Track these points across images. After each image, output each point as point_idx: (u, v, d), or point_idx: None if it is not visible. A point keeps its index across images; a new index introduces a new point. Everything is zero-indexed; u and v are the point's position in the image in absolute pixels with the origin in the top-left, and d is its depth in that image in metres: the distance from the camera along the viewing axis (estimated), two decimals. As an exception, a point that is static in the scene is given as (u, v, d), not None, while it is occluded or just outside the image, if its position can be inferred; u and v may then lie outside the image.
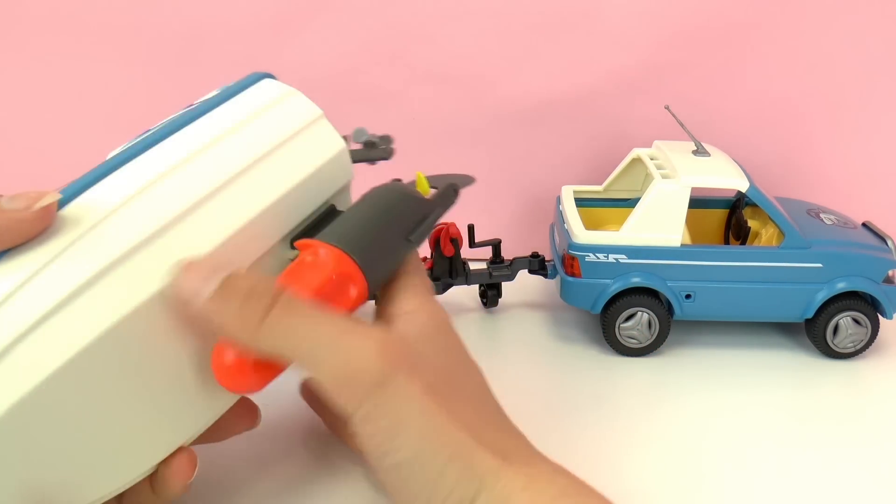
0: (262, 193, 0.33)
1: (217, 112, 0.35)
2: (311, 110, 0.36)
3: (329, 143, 0.36)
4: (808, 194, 0.61)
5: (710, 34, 0.59)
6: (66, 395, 0.27)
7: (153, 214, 0.30)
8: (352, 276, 0.32)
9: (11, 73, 0.61)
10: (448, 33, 0.60)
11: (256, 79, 0.37)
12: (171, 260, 0.30)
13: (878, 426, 0.45)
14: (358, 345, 0.29)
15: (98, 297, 0.28)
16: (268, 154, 0.34)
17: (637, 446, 0.43)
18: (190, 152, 0.33)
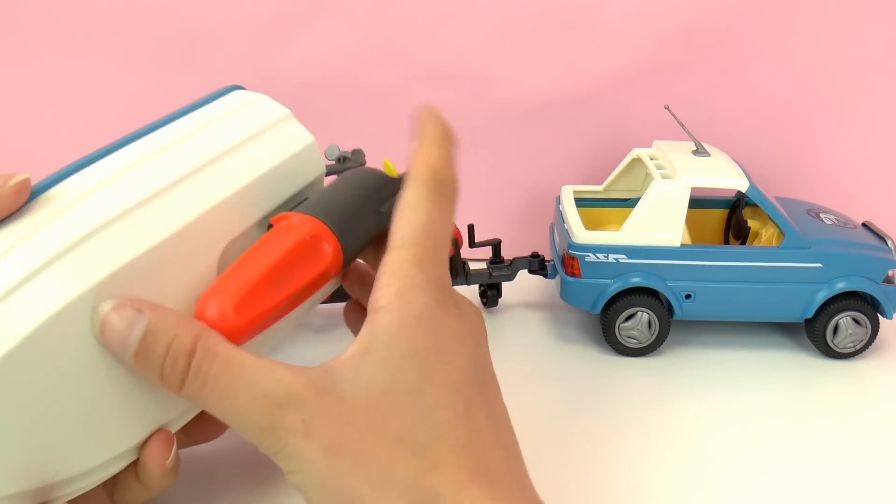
0: (232, 178, 0.35)
1: (189, 116, 0.37)
2: (279, 110, 0.40)
3: (298, 136, 0.39)
4: (808, 194, 0.61)
5: (710, 34, 0.59)
6: (46, 355, 0.28)
7: (129, 193, 0.32)
8: (324, 237, 0.34)
9: (11, 73, 0.61)
10: (448, 33, 0.60)
11: (227, 90, 0.40)
12: (147, 231, 0.31)
13: (878, 426, 0.45)
14: (255, 394, 0.28)
15: (72, 266, 0.29)
16: (237, 146, 0.36)
17: (637, 446, 0.43)
18: (164, 145, 0.35)
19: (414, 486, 0.28)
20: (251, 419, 0.28)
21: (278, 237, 0.33)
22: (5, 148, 0.62)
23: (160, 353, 0.29)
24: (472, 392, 0.30)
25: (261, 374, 0.28)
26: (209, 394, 0.28)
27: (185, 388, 0.29)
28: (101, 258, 0.29)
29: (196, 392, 0.29)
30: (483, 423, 0.30)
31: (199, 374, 0.28)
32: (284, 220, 0.35)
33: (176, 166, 0.34)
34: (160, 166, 0.34)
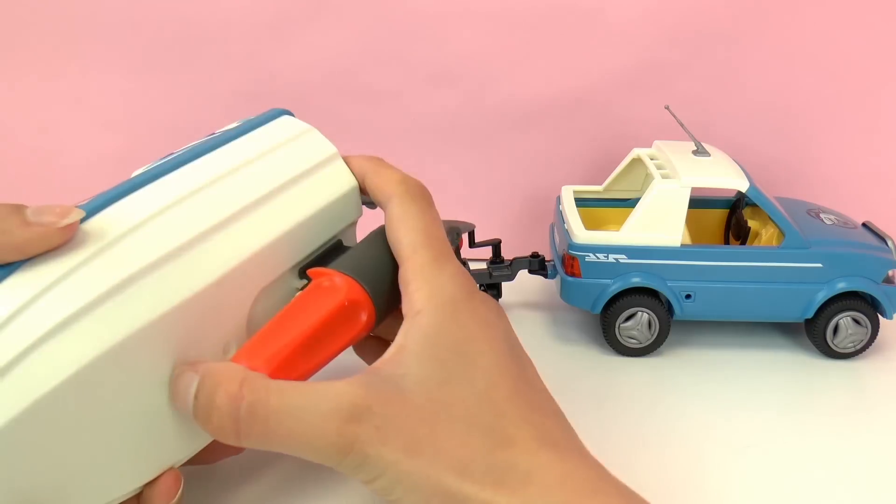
0: (274, 223, 0.35)
1: (237, 143, 0.37)
2: (327, 147, 0.38)
3: (341, 180, 0.38)
4: (808, 194, 0.61)
5: (711, 34, 0.59)
6: (66, 408, 0.28)
7: (168, 236, 0.31)
8: (362, 303, 0.34)
9: (11, 73, 0.61)
10: (448, 33, 0.60)
11: (276, 115, 0.39)
12: (182, 281, 0.31)
13: (878, 426, 0.45)
14: (322, 413, 0.29)
15: (107, 314, 0.29)
16: (283, 186, 0.36)
17: (637, 446, 0.43)
18: (208, 179, 0.34)
19: (491, 462, 0.30)
20: (325, 442, 0.29)
21: (317, 300, 0.33)
22: (4, 150, 0.62)
23: (207, 406, 0.29)
24: (515, 370, 0.33)
25: (322, 395, 0.29)
26: (274, 431, 0.29)
27: (245, 433, 0.29)
28: (131, 311, 0.29)
29: (259, 434, 0.29)
30: (532, 396, 0.33)
31: (258, 415, 0.29)
32: (324, 277, 0.34)
33: (219, 206, 0.33)
34: (203, 205, 0.33)
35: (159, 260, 0.30)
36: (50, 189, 0.61)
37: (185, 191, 0.33)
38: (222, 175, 0.34)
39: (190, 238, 0.32)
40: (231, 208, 0.33)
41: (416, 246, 0.34)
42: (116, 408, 0.29)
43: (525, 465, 0.30)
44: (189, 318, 0.31)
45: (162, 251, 0.31)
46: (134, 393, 0.30)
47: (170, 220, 0.32)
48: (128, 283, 0.29)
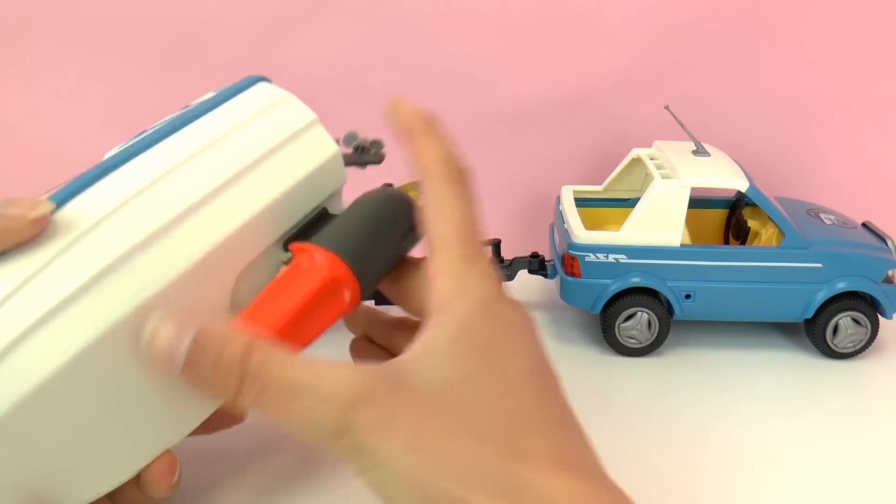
0: (255, 197, 0.33)
1: (212, 115, 0.35)
2: (305, 114, 0.37)
3: (322, 147, 0.37)
4: (808, 194, 0.61)
5: (711, 34, 0.59)
6: (59, 399, 0.28)
7: (146, 219, 0.30)
8: (345, 280, 0.33)
9: (10, 72, 0.61)
10: (448, 33, 0.60)
11: (251, 82, 0.37)
12: (164, 265, 0.30)
13: (878, 426, 0.45)
14: (322, 394, 0.27)
15: (91, 303, 0.28)
16: (262, 158, 0.34)
17: (637, 446, 0.43)
18: (183, 156, 0.33)
19: (500, 476, 0.27)
20: (320, 422, 0.27)
21: (297, 280, 0.32)
22: (5, 148, 0.62)
23: (210, 363, 0.27)
24: (539, 380, 0.31)
25: (325, 375, 0.27)
26: (270, 399, 0.27)
27: (243, 396, 0.27)
28: (115, 298, 0.29)
29: (255, 398, 0.27)
30: (555, 411, 0.31)
31: (258, 380, 0.27)
32: (304, 254, 0.33)
33: (195, 185, 0.32)
34: (179, 185, 0.32)
35: (136, 246, 0.30)
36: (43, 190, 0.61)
37: (158, 172, 0.32)
38: (197, 151, 0.33)
39: (167, 221, 0.31)
40: (208, 186, 0.32)
41: (449, 239, 0.31)
42: (108, 395, 0.29)
43: (540, 484, 0.27)
44: (172, 302, 0.30)
45: (138, 237, 0.30)
46: (124, 379, 0.30)
47: (145, 204, 0.31)
48: (106, 272, 0.29)
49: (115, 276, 0.29)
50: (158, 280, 0.30)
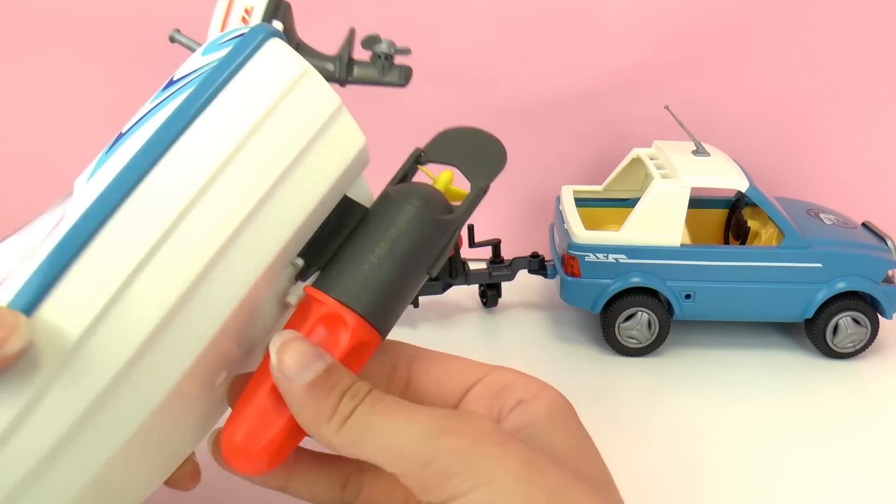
0: (282, 225, 0.28)
1: (213, 113, 0.27)
2: (329, 99, 0.29)
3: (350, 141, 0.30)
4: (808, 194, 0.61)
5: (711, 34, 0.59)
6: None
7: (151, 305, 0.26)
8: (372, 343, 0.30)
9: (9, 72, 0.61)
10: (448, 33, 0.60)
11: (259, 37, 0.29)
12: (171, 363, 0.26)
13: (877, 426, 0.45)
14: (449, 445, 0.26)
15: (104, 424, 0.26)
16: (285, 174, 0.27)
17: (637, 446, 0.43)
18: (198, 179, 0.26)
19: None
20: (412, 454, 0.27)
21: (324, 345, 0.29)
22: (6, 148, 0.62)
23: (341, 390, 0.28)
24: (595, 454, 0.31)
25: (423, 413, 0.28)
26: (372, 434, 0.27)
27: (347, 427, 0.27)
28: (151, 385, 0.26)
29: (358, 431, 0.27)
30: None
31: (369, 416, 0.27)
32: (324, 308, 0.29)
33: (209, 236, 0.26)
34: (200, 226, 0.26)
35: (145, 343, 0.25)
36: (49, 190, 0.61)
37: (162, 223, 0.26)
38: (205, 183, 0.26)
39: (179, 296, 0.26)
40: (223, 233, 0.26)
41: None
42: (155, 439, 0.28)
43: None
44: (193, 377, 0.27)
45: (147, 329, 0.25)
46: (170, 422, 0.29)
47: (149, 282, 0.25)
48: (112, 388, 0.25)
49: (121, 392, 0.26)
50: (168, 381, 0.27)
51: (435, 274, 0.31)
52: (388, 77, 0.42)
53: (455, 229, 0.31)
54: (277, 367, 0.28)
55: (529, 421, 0.30)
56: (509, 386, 0.31)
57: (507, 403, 0.31)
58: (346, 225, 0.30)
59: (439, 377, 0.32)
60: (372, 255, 0.29)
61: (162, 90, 0.29)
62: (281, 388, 0.28)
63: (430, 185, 0.32)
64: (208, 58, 0.29)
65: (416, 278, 0.30)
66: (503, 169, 0.34)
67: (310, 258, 0.30)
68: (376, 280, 0.29)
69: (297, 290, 0.30)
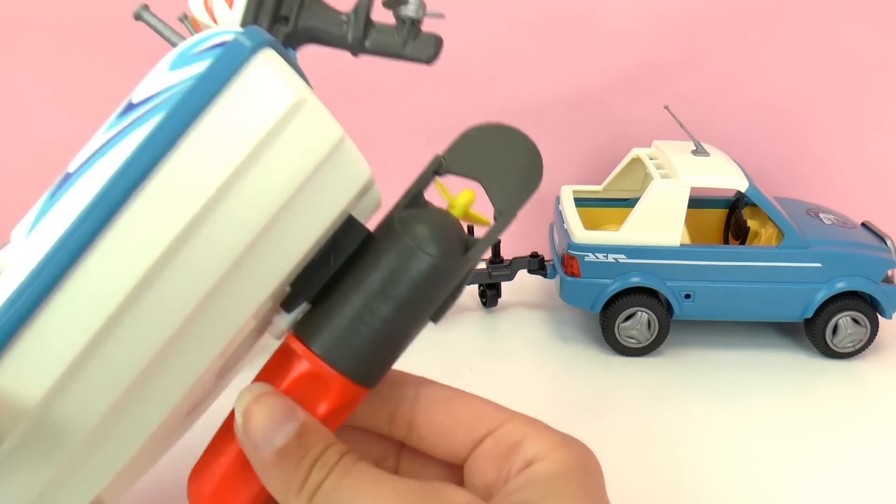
0: (262, 283, 0.25)
1: (191, 149, 0.23)
2: (330, 133, 0.25)
3: (352, 178, 0.26)
4: (808, 194, 0.61)
5: (710, 34, 0.59)
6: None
7: (123, 370, 0.23)
8: (358, 399, 0.27)
9: (8, 71, 0.61)
10: (448, 33, 0.60)
11: (247, 54, 0.23)
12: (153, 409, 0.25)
13: (877, 426, 0.45)
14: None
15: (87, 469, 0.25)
16: (272, 223, 0.24)
17: (637, 446, 0.43)
18: (155, 257, 0.22)
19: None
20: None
21: (302, 402, 0.26)
22: (5, 149, 0.62)
23: (311, 459, 0.25)
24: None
25: (391, 489, 0.25)
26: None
27: (316, 500, 0.25)
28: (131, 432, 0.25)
29: (325, 500, 0.25)
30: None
31: (336, 490, 0.25)
32: (305, 362, 0.26)
33: (195, 278, 0.23)
34: (171, 284, 0.23)
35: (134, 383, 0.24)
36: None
37: (122, 288, 0.22)
38: (177, 237, 0.23)
39: (157, 350, 0.23)
40: (199, 290, 0.23)
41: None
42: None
43: None
44: (168, 419, 0.26)
45: (106, 405, 0.23)
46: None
47: (109, 357, 0.23)
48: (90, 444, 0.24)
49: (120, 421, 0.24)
50: (152, 421, 0.25)
51: (439, 320, 0.28)
52: (412, 49, 0.32)
53: (470, 270, 0.27)
54: (243, 429, 0.25)
55: (527, 483, 0.26)
56: (521, 443, 0.27)
57: (515, 466, 0.27)
58: (342, 249, 0.26)
59: (446, 427, 0.29)
60: (368, 310, 0.25)
61: (118, 116, 0.25)
62: (247, 452, 0.26)
63: (446, 216, 0.27)
64: (178, 74, 0.24)
65: (417, 329, 0.27)
66: (537, 188, 0.28)
67: (297, 285, 0.26)
68: (372, 340, 0.26)
69: (280, 322, 0.27)
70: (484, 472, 0.28)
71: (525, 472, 0.26)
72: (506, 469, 0.27)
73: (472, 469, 0.28)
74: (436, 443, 0.29)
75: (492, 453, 0.28)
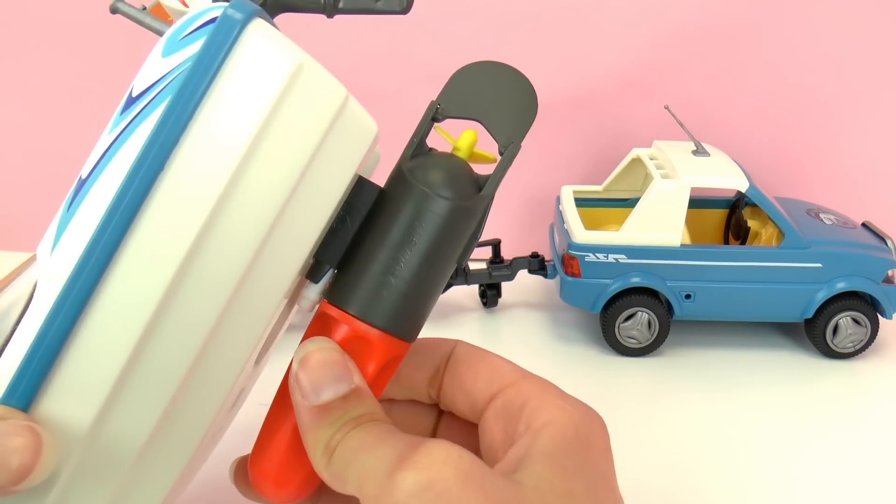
0: (299, 244, 0.25)
1: (200, 134, 0.22)
2: (334, 92, 0.25)
3: (362, 132, 0.26)
4: (808, 194, 0.61)
5: (710, 34, 0.59)
6: None
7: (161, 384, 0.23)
8: (402, 355, 0.27)
9: (8, 70, 0.61)
10: (448, 33, 0.60)
11: (239, 27, 0.23)
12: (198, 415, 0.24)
13: (877, 426, 0.45)
14: (413, 478, 0.23)
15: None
16: (296, 188, 0.24)
17: (637, 446, 0.43)
18: (186, 248, 0.22)
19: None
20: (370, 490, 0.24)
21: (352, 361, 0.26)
22: (5, 148, 0.62)
23: (353, 418, 0.25)
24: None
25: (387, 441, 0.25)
26: (350, 466, 0.25)
27: (332, 461, 0.25)
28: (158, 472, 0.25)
29: (340, 465, 0.25)
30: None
31: (347, 447, 0.25)
32: (346, 326, 0.26)
33: (234, 252, 0.23)
34: (212, 265, 0.22)
35: (163, 416, 0.23)
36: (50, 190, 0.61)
37: (158, 289, 0.22)
38: (205, 223, 0.22)
39: (192, 360, 0.23)
40: (239, 267, 0.23)
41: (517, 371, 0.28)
42: None
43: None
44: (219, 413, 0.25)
45: (164, 401, 0.23)
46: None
47: (153, 359, 0.22)
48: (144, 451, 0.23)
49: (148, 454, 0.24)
50: (197, 432, 0.25)
51: (465, 262, 0.28)
52: (384, 3, 0.33)
53: (486, 208, 0.27)
54: (297, 373, 0.25)
55: (526, 453, 0.25)
56: (526, 404, 0.27)
57: (518, 430, 0.27)
58: (357, 210, 0.26)
59: (466, 382, 0.29)
60: (396, 263, 0.26)
61: (121, 113, 0.24)
62: (293, 395, 0.26)
63: (453, 158, 0.28)
64: (174, 59, 0.23)
65: (446, 275, 0.27)
66: (535, 119, 0.29)
67: (320, 253, 0.26)
68: (405, 292, 0.26)
69: (309, 293, 0.27)
70: (492, 432, 0.28)
71: (526, 437, 0.26)
72: (511, 431, 0.27)
73: (484, 429, 0.28)
74: (460, 401, 0.29)
75: (500, 413, 0.28)
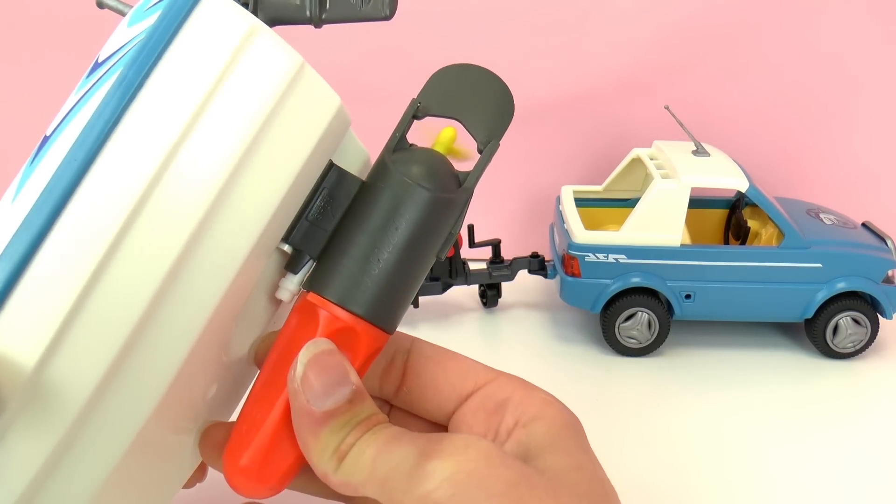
0: (254, 213, 0.24)
1: (151, 95, 0.23)
2: (288, 60, 0.25)
3: (321, 104, 0.26)
4: (808, 194, 0.61)
5: (710, 34, 0.59)
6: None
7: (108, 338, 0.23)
8: (381, 347, 0.27)
9: (8, 70, 0.61)
10: (448, 33, 0.60)
11: (187, 2, 0.24)
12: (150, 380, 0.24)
13: (877, 426, 0.45)
14: (435, 478, 0.24)
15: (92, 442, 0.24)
16: (247, 154, 0.24)
17: (637, 446, 0.43)
18: (135, 200, 0.22)
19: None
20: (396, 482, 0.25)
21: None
22: (5, 149, 0.62)
23: (360, 421, 0.26)
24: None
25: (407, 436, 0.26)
26: (364, 466, 0.25)
27: (347, 460, 0.25)
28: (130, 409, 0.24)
29: (353, 467, 0.25)
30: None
31: (368, 455, 0.25)
32: (325, 312, 0.26)
33: (178, 216, 0.23)
34: (156, 225, 0.23)
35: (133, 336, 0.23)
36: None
37: (106, 235, 0.22)
38: (153, 177, 0.23)
39: (147, 302, 0.23)
40: (186, 229, 0.23)
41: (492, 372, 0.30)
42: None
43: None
44: (176, 390, 0.25)
45: (116, 344, 0.23)
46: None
47: (107, 296, 0.22)
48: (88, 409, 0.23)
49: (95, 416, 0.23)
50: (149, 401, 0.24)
51: (444, 257, 0.28)
52: (368, 10, 0.34)
53: (465, 202, 0.28)
54: (301, 381, 0.25)
55: (528, 443, 0.27)
56: (508, 402, 0.28)
57: (504, 424, 0.28)
58: (338, 202, 0.27)
59: (435, 381, 0.30)
60: (377, 251, 0.26)
61: (87, 76, 0.25)
62: (295, 404, 0.26)
63: (433, 153, 0.29)
64: (135, 29, 0.25)
65: (426, 267, 0.28)
66: (512, 119, 0.30)
67: (300, 243, 0.27)
68: (386, 281, 0.26)
69: (288, 284, 0.27)
70: (472, 427, 0.29)
71: (519, 432, 0.28)
72: (494, 425, 0.28)
73: (460, 424, 0.29)
74: (424, 397, 0.30)
75: (479, 409, 0.29)
